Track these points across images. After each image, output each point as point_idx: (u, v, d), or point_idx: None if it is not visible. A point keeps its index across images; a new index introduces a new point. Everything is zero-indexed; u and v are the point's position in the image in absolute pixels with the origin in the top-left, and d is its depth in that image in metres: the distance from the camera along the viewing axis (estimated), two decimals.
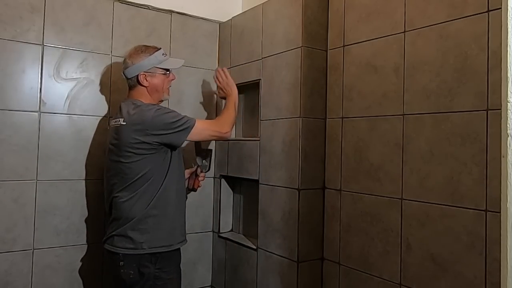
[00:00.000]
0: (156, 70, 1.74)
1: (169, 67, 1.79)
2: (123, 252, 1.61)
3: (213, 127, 1.76)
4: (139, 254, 1.61)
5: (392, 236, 1.57)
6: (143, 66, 1.71)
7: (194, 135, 1.68)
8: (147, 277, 1.61)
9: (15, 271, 1.84)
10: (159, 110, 1.65)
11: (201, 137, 1.76)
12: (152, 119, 1.61)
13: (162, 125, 1.61)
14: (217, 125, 1.77)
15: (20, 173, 1.85)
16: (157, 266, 1.63)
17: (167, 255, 1.66)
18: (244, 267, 2.14)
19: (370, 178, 1.67)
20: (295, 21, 1.88)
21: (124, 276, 1.61)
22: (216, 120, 1.86)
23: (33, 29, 1.88)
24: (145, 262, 1.61)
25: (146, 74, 1.72)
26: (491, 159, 1.28)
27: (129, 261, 1.61)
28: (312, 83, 1.87)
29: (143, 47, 1.76)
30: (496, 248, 1.25)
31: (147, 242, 1.62)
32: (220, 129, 1.76)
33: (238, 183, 2.40)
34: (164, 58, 1.77)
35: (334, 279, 1.81)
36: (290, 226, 1.85)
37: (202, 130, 1.71)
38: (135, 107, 1.66)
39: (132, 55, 1.73)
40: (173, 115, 1.65)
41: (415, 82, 1.51)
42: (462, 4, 1.38)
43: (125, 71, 1.74)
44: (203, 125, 1.73)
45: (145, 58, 1.72)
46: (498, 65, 1.21)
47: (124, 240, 1.62)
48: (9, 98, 1.83)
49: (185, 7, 2.31)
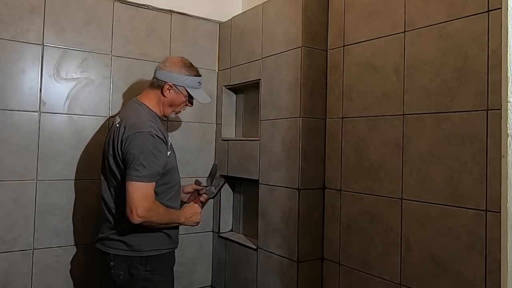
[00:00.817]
0: (183, 91, 1.75)
1: (196, 97, 1.79)
2: (114, 252, 1.62)
3: (136, 203, 1.49)
4: (129, 256, 1.60)
5: (392, 236, 1.57)
6: (175, 79, 1.72)
7: (128, 185, 1.51)
8: (137, 279, 1.60)
9: (15, 271, 1.84)
10: (147, 141, 1.55)
11: (127, 193, 1.52)
12: (134, 141, 1.55)
13: (132, 152, 1.54)
14: (140, 207, 1.50)
15: (20, 173, 1.85)
16: (148, 268, 1.62)
17: (158, 258, 1.64)
18: (244, 267, 2.14)
19: (370, 178, 1.67)
20: (295, 21, 1.88)
21: (115, 277, 1.62)
22: (150, 204, 1.54)
23: (33, 29, 1.88)
24: (136, 263, 1.61)
25: (172, 87, 1.72)
26: (491, 159, 1.28)
27: (120, 262, 1.61)
28: (312, 83, 1.87)
29: (188, 63, 1.78)
30: (496, 248, 1.25)
31: (138, 245, 1.61)
32: (136, 211, 1.49)
33: (238, 183, 2.40)
34: (197, 86, 1.79)
35: (334, 279, 1.81)
36: (290, 226, 1.85)
37: (133, 190, 1.51)
38: (136, 117, 1.62)
39: (175, 63, 1.75)
40: (144, 154, 1.53)
41: (415, 82, 1.51)
42: (462, 4, 1.38)
43: (158, 71, 1.75)
44: (138, 192, 1.51)
45: (183, 75, 1.73)
46: (498, 65, 1.21)
47: (115, 242, 1.63)
48: (9, 98, 1.83)
49: (185, 7, 2.31)
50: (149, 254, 1.62)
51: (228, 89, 2.40)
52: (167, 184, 1.69)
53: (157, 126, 1.64)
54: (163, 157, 1.60)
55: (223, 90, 2.39)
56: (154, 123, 1.63)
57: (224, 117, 2.40)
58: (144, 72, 2.16)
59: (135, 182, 1.52)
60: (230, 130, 2.43)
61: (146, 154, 1.54)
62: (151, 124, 1.61)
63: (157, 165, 1.57)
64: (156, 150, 1.57)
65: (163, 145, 1.61)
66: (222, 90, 2.40)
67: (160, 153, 1.58)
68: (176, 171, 1.77)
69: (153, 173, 1.55)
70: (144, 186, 1.53)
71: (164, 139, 1.63)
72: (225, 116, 2.41)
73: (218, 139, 2.42)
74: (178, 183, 1.78)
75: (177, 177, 1.78)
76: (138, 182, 1.52)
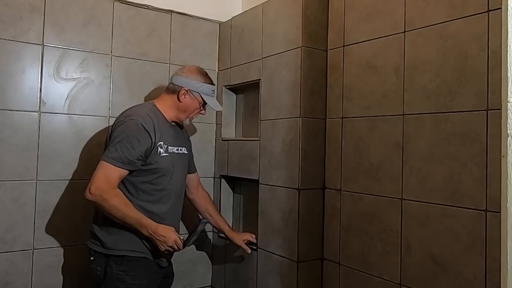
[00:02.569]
0: (198, 97, 1.79)
1: (209, 104, 1.83)
2: (94, 248, 1.65)
3: (93, 179, 1.54)
4: (106, 254, 1.62)
5: (392, 236, 1.57)
6: (192, 85, 1.77)
7: (99, 164, 1.57)
8: (109, 277, 1.60)
9: (15, 271, 1.84)
10: (129, 127, 1.58)
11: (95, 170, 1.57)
12: (120, 126, 1.61)
13: (112, 135, 1.61)
14: (95, 185, 1.53)
15: (20, 173, 1.85)
16: (121, 268, 1.60)
17: (133, 259, 1.62)
18: (244, 267, 2.14)
19: (370, 178, 1.67)
20: (295, 21, 1.88)
21: (93, 271, 1.65)
22: (105, 186, 1.54)
23: (33, 29, 1.88)
24: (111, 262, 1.61)
25: (188, 92, 1.76)
26: (491, 159, 1.28)
27: (98, 258, 1.63)
28: (312, 83, 1.87)
29: (204, 72, 1.85)
30: (496, 248, 1.25)
31: (111, 243, 1.61)
32: (90, 187, 1.53)
33: (238, 183, 2.40)
34: (211, 94, 1.84)
35: (334, 279, 1.81)
36: (290, 226, 1.85)
37: (97, 167, 1.56)
38: (134, 110, 1.70)
39: (192, 70, 1.81)
40: (120, 137, 1.56)
41: (415, 82, 1.51)
42: (462, 4, 1.38)
43: (175, 77, 1.80)
44: (100, 171, 1.55)
45: (199, 81, 1.80)
46: (498, 65, 1.21)
47: (94, 238, 1.66)
48: (9, 98, 1.83)
49: (185, 7, 2.31)
50: (122, 254, 1.61)
51: (228, 89, 2.40)
52: (152, 185, 1.66)
53: (152, 121, 1.64)
54: (140, 148, 1.58)
55: (223, 90, 2.39)
56: (149, 117, 1.64)
57: (224, 117, 2.40)
58: (144, 72, 2.17)
59: (102, 161, 1.56)
60: (230, 130, 2.43)
61: (122, 138, 1.57)
62: (144, 116, 1.63)
63: (130, 153, 1.56)
64: (135, 138, 1.58)
65: (145, 136, 1.60)
66: (222, 90, 2.40)
67: (138, 142, 1.58)
68: (171, 177, 1.72)
69: (122, 157, 1.55)
70: (108, 167, 1.55)
71: (152, 134, 1.62)
72: (225, 116, 2.41)
73: (218, 139, 2.42)
74: (171, 190, 1.72)
75: (171, 183, 1.72)
76: (105, 162, 1.55)
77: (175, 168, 1.75)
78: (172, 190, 1.74)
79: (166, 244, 1.57)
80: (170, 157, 1.72)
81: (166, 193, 1.71)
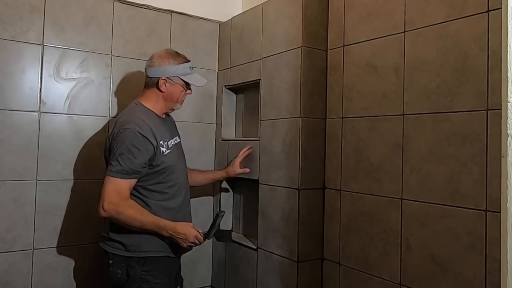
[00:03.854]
0: (178, 81, 1.73)
1: (192, 83, 1.77)
2: (113, 251, 1.62)
3: (104, 196, 1.54)
4: (127, 256, 1.60)
5: (392, 236, 1.57)
6: (168, 71, 1.70)
7: (105, 179, 1.57)
8: (133, 278, 1.59)
9: (15, 271, 1.84)
10: (127, 137, 1.57)
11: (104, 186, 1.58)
12: (117, 137, 1.59)
13: (113, 148, 1.59)
14: (107, 200, 1.54)
15: (20, 173, 1.85)
16: (144, 268, 1.60)
17: (155, 259, 1.63)
18: (244, 267, 2.14)
19: (370, 178, 1.67)
20: (295, 21, 1.88)
21: (112, 275, 1.62)
22: (116, 199, 1.55)
23: (33, 29, 1.88)
24: (133, 263, 1.60)
25: (167, 80, 1.71)
26: (491, 159, 1.28)
27: (118, 261, 1.61)
28: (312, 83, 1.87)
29: (174, 53, 1.76)
30: (496, 248, 1.25)
31: (134, 245, 1.60)
32: (102, 204, 1.54)
33: (238, 183, 2.40)
34: (190, 71, 1.76)
35: (334, 279, 1.81)
36: (290, 226, 1.85)
37: (105, 183, 1.56)
38: (127, 115, 1.66)
39: (162, 56, 1.72)
40: (121, 150, 1.56)
41: (415, 82, 1.51)
42: (462, 4, 1.38)
43: (148, 69, 1.73)
44: (109, 186, 1.55)
45: (173, 65, 1.71)
46: (498, 65, 1.21)
47: (113, 241, 1.63)
48: (9, 98, 1.83)
49: (185, 7, 2.31)
50: (145, 255, 1.61)
51: (228, 89, 2.40)
52: (163, 183, 1.67)
53: (148, 125, 1.62)
54: (143, 156, 1.57)
55: (223, 90, 2.39)
56: (143, 122, 1.62)
57: (224, 117, 2.40)
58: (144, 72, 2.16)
59: (108, 176, 1.56)
60: (230, 130, 2.43)
61: (122, 150, 1.56)
62: (138, 122, 1.61)
63: (133, 163, 1.56)
64: (135, 147, 1.56)
65: (145, 143, 1.58)
66: (222, 90, 2.40)
67: (139, 151, 1.57)
68: (178, 171, 1.74)
69: (126, 170, 1.55)
70: (116, 181, 1.55)
71: (152, 138, 1.61)
72: (225, 116, 2.41)
73: (218, 139, 2.42)
74: (180, 183, 1.75)
75: (179, 176, 1.75)
76: (111, 177, 1.55)
77: (178, 160, 1.77)
78: (182, 182, 1.76)
79: (188, 240, 1.59)
80: (172, 151, 1.72)
81: (177, 187, 1.73)
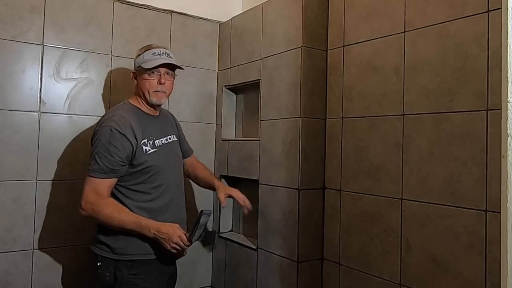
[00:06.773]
0: (141, 70, 1.64)
1: (144, 66, 1.61)
2: (101, 254, 1.60)
3: (82, 195, 1.53)
4: (115, 259, 1.58)
5: (392, 236, 1.57)
6: (135, 64, 1.69)
7: (85, 179, 1.55)
8: (120, 281, 1.56)
9: (15, 271, 1.84)
10: (103, 135, 1.54)
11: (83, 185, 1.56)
12: (96, 135, 1.57)
13: (92, 146, 1.58)
14: (84, 199, 1.52)
15: (20, 173, 1.85)
16: (132, 271, 1.57)
17: (144, 262, 1.59)
18: (244, 267, 2.14)
19: (370, 178, 1.67)
20: (295, 21, 1.88)
21: (101, 277, 1.60)
22: (94, 199, 1.53)
23: (33, 29, 1.88)
24: (121, 266, 1.57)
25: (135, 72, 1.69)
26: (491, 159, 1.28)
27: (106, 263, 1.59)
28: (312, 83, 1.87)
29: (146, 45, 1.71)
30: (496, 248, 1.25)
31: (121, 248, 1.57)
32: (81, 203, 1.53)
33: (238, 183, 2.40)
34: (152, 58, 1.62)
35: (334, 279, 1.81)
36: (290, 226, 1.85)
37: (85, 183, 1.55)
38: (109, 113, 1.64)
39: (136, 53, 1.70)
40: (98, 148, 1.53)
41: (415, 82, 1.51)
42: (462, 4, 1.38)
43: None
44: (87, 185, 1.54)
45: (137, 56, 1.68)
46: (498, 65, 1.21)
47: (101, 244, 1.61)
48: (9, 98, 1.83)
49: (185, 7, 2.31)
50: (132, 258, 1.57)
51: (228, 89, 2.40)
52: (147, 184, 1.60)
53: (128, 122, 1.57)
54: (120, 154, 1.53)
55: (223, 90, 2.39)
56: (123, 119, 1.57)
57: (224, 117, 2.40)
58: None
59: (87, 176, 1.55)
60: (230, 130, 2.43)
61: (99, 148, 1.53)
62: (117, 119, 1.56)
63: (109, 161, 1.51)
64: (111, 145, 1.52)
65: (122, 141, 1.53)
66: (222, 90, 2.40)
67: (116, 149, 1.52)
68: (165, 171, 1.65)
69: (103, 168, 1.52)
70: (93, 181, 1.53)
71: (130, 136, 1.55)
72: (225, 116, 2.41)
73: (218, 139, 2.42)
74: (168, 183, 1.66)
75: (167, 177, 1.66)
76: (89, 176, 1.54)
77: (169, 160, 1.69)
78: (170, 183, 1.67)
79: (171, 241, 1.50)
80: (160, 151, 1.64)
81: (164, 188, 1.65)
